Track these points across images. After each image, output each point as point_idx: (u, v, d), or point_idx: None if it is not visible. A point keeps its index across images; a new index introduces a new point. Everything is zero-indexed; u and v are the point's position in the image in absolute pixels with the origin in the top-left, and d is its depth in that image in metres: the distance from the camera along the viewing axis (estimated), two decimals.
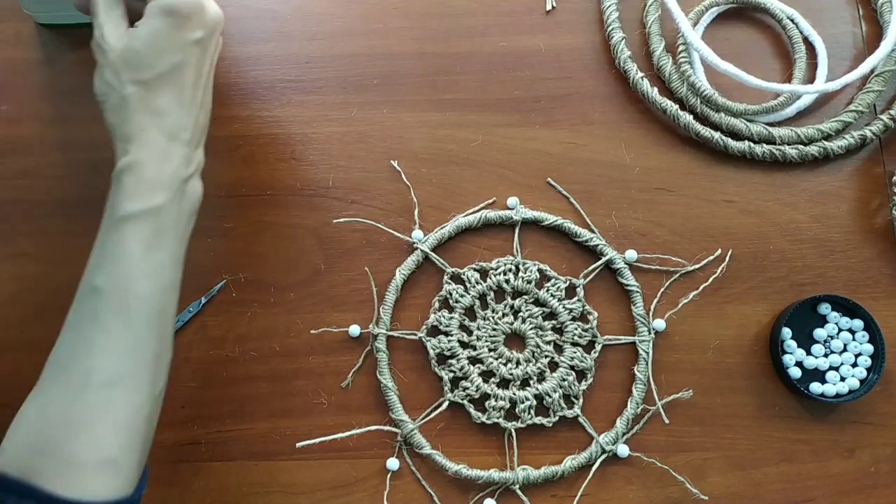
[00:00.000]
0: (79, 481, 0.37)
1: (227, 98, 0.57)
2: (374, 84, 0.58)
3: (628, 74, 0.57)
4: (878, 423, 0.53)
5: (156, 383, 0.41)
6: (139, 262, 0.40)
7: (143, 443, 0.41)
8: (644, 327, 0.53)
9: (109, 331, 0.39)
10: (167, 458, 0.52)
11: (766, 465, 0.52)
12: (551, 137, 0.56)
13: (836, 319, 0.53)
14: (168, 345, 0.43)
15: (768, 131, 0.55)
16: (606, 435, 0.52)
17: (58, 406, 0.39)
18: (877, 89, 0.56)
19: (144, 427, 0.40)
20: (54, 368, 0.40)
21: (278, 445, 0.52)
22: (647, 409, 0.52)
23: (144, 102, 0.41)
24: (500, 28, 0.59)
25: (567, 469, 0.51)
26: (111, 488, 0.38)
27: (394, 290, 0.54)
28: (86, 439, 0.38)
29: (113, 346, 0.39)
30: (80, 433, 0.38)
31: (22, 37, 0.59)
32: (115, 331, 0.39)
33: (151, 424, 0.41)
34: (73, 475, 0.37)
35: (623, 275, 0.54)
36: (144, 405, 0.40)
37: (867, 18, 0.59)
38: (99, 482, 0.38)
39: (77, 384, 0.39)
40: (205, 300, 0.54)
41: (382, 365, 0.53)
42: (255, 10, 0.59)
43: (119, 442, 0.39)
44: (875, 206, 0.56)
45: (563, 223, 0.54)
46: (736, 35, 0.59)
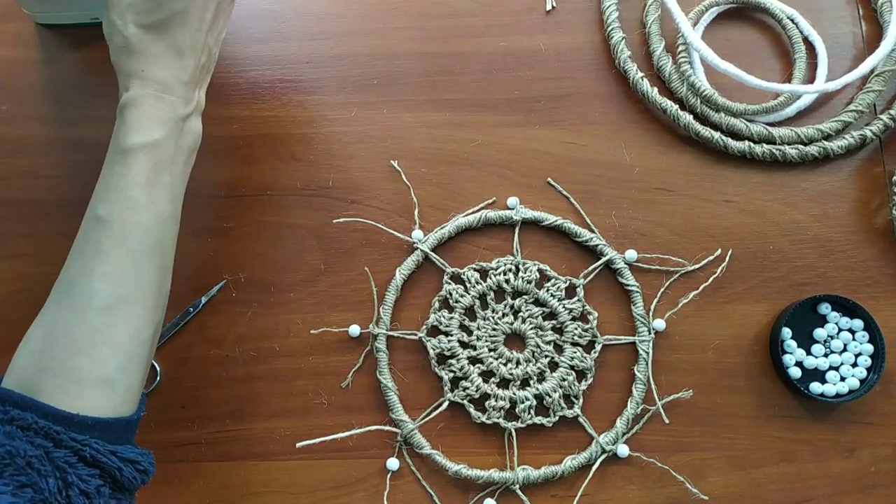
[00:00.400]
0: (77, 397, 0.39)
1: (227, 98, 0.57)
2: (374, 84, 0.58)
3: (628, 74, 0.57)
4: (878, 423, 0.53)
5: (155, 310, 0.43)
6: (139, 193, 0.42)
7: (142, 366, 0.42)
8: (644, 327, 0.53)
9: (110, 258, 0.41)
10: (167, 458, 0.52)
11: (766, 465, 0.52)
12: (551, 137, 0.56)
13: (836, 319, 0.53)
14: (167, 276, 0.44)
15: (768, 131, 0.55)
16: (606, 435, 0.52)
17: (60, 328, 0.40)
18: (877, 89, 0.56)
19: (142, 351, 0.42)
20: (58, 292, 0.42)
21: (278, 445, 0.52)
22: (647, 409, 0.52)
23: (145, 44, 0.42)
24: (500, 28, 0.59)
25: (567, 469, 0.51)
26: (108, 406, 0.40)
27: (394, 290, 0.54)
28: (85, 359, 0.39)
29: (113, 273, 0.41)
30: (80, 353, 0.39)
31: (22, 37, 0.59)
32: (116, 258, 0.41)
33: (150, 349, 0.43)
34: (71, 391, 0.39)
35: (623, 275, 0.54)
36: (143, 330, 0.42)
37: (867, 18, 0.59)
38: (96, 399, 0.39)
39: (78, 307, 0.40)
40: (205, 300, 0.54)
41: (382, 365, 0.53)
42: (255, 10, 0.59)
43: (117, 362, 0.40)
44: (875, 206, 0.56)
45: (563, 223, 0.54)
46: (736, 35, 0.59)
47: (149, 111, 0.43)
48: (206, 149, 0.56)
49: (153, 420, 0.53)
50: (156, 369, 0.53)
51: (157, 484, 0.52)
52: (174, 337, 0.54)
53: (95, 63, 0.58)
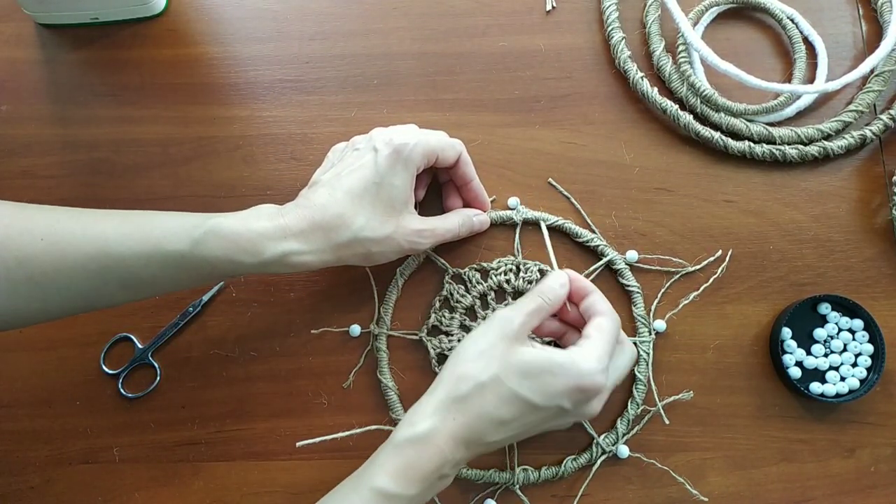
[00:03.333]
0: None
1: (227, 98, 0.57)
2: (374, 84, 0.58)
3: (628, 74, 0.57)
4: (878, 423, 0.53)
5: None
6: None
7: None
8: (644, 328, 0.53)
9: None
10: (167, 458, 0.52)
11: (766, 465, 0.52)
12: (551, 137, 0.56)
13: (836, 319, 0.53)
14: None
15: (768, 131, 0.55)
16: (607, 436, 0.52)
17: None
18: (877, 89, 0.56)
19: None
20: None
21: (278, 445, 0.52)
22: (647, 410, 0.52)
23: (494, 416, 0.44)
24: (500, 28, 0.59)
25: (567, 470, 0.51)
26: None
27: (394, 290, 0.54)
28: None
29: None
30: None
31: (22, 37, 0.59)
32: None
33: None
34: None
35: (624, 275, 0.54)
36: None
37: (867, 18, 0.59)
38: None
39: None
40: (205, 300, 0.54)
41: (383, 364, 0.53)
42: (255, 10, 0.59)
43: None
44: (875, 206, 0.56)
45: (563, 223, 0.54)
46: (736, 35, 0.59)
47: (427, 454, 0.42)
48: (206, 149, 0.57)
49: (153, 420, 0.53)
50: (156, 369, 0.53)
51: (157, 484, 0.52)
52: (174, 337, 0.54)
53: (95, 63, 0.58)
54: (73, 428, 0.53)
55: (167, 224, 0.45)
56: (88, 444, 0.53)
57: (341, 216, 0.46)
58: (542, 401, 0.43)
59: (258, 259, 0.44)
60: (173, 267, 0.44)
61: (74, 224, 0.44)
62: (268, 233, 0.45)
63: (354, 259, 0.47)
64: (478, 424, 0.42)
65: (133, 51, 0.58)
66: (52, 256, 0.43)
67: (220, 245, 0.44)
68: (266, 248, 0.44)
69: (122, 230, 0.44)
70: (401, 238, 0.48)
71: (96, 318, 0.54)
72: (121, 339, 0.54)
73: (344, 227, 0.46)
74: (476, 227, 0.53)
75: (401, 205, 0.48)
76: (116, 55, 0.58)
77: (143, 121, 0.57)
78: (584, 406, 0.44)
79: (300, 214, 0.46)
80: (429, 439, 0.42)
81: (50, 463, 0.52)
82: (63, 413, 0.53)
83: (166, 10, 0.59)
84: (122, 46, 0.59)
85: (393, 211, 0.47)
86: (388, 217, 0.47)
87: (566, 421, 0.46)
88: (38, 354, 0.54)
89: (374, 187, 0.46)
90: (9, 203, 0.44)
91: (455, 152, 0.50)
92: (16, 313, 0.44)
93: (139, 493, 0.52)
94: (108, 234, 0.44)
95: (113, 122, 0.57)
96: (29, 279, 0.43)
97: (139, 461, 0.52)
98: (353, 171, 0.47)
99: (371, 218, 0.46)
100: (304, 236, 0.45)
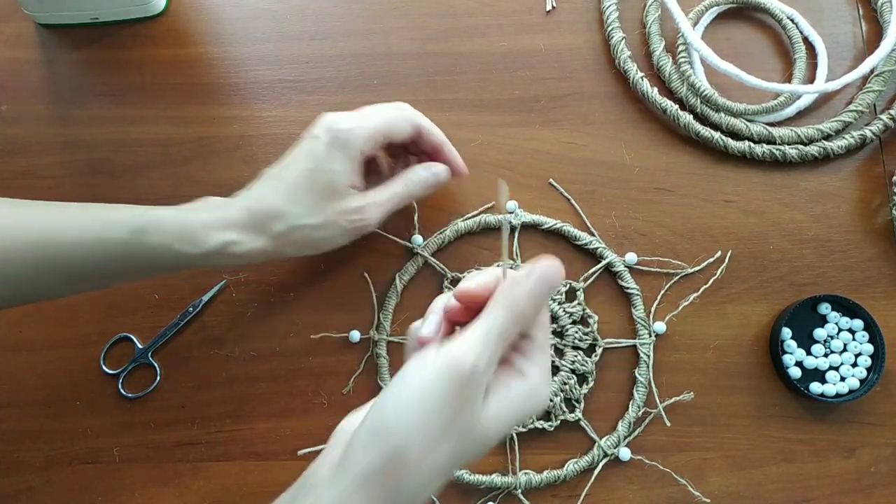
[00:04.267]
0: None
1: (227, 98, 0.57)
2: (374, 84, 0.58)
3: (628, 74, 0.57)
4: (878, 423, 0.53)
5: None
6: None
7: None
8: (645, 330, 0.53)
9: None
10: (167, 458, 0.52)
11: (766, 465, 0.52)
12: (551, 137, 0.56)
13: (836, 319, 0.53)
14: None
15: (768, 131, 0.55)
16: (608, 438, 0.52)
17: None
18: (877, 89, 0.56)
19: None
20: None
21: (278, 445, 0.52)
22: (648, 412, 0.52)
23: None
24: (500, 28, 0.59)
25: (569, 473, 0.51)
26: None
27: (394, 296, 0.53)
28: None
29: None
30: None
31: (22, 37, 0.59)
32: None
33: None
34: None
35: (623, 278, 0.54)
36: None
37: (867, 18, 0.59)
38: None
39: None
40: (205, 300, 0.54)
41: (383, 371, 0.53)
42: (254, 10, 0.59)
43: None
44: (875, 206, 0.56)
45: (562, 226, 0.54)
46: (736, 35, 0.59)
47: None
48: (206, 149, 0.57)
49: (153, 420, 0.53)
50: (156, 369, 0.53)
51: (157, 484, 0.52)
52: (174, 337, 0.54)
53: (95, 63, 0.58)
54: (73, 428, 0.53)
55: (108, 214, 0.45)
56: (88, 444, 0.53)
57: (275, 206, 0.46)
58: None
59: (200, 250, 0.44)
60: (116, 257, 0.44)
61: (10, 212, 0.44)
62: (210, 223, 0.45)
63: (296, 248, 0.47)
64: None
65: (133, 51, 0.58)
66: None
67: (161, 234, 0.44)
68: (208, 238, 0.44)
69: (62, 220, 0.44)
70: (341, 220, 0.47)
71: (96, 318, 0.54)
72: (121, 339, 0.54)
73: (279, 217, 0.46)
74: (431, 181, 0.50)
75: (342, 189, 0.47)
76: (116, 55, 0.58)
77: (143, 121, 0.57)
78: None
79: (240, 205, 0.46)
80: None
81: (50, 463, 0.52)
82: (63, 413, 0.53)
83: (166, 10, 0.59)
84: (122, 46, 0.59)
85: (332, 196, 0.46)
86: (327, 203, 0.46)
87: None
88: (38, 354, 0.54)
89: (310, 173, 0.46)
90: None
91: (408, 124, 0.49)
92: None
93: (139, 493, 0.52)
94: (48, 224, 0.43)
95: (113, 122, 0.57)
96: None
97: (139, 461, 0.52)
98: (291, 160, 0.47)
99: (306, 205, 0.46)
100: (244, 227, 0.45)
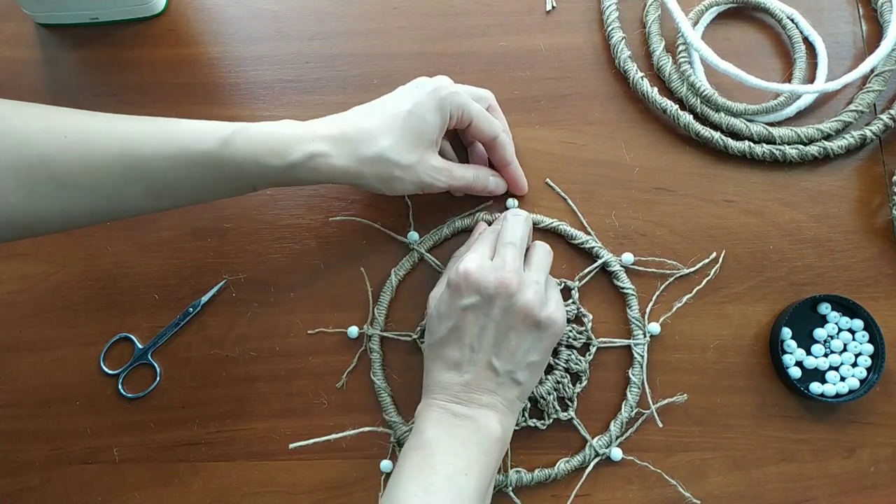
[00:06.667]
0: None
1: (227, 98, 0.57)
2: (374, 84, 0.58)
3: (628, 74, 0.57)
4: (878, 423, 0.53)
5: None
6: (438, 483, 0.42)
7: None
8: (639, 330, 0.53)
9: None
10: (167, 458, 0.52)
11: (766, 465, 0.52)
12: (551, 137, 0.56)
13: (836, 319, 0.53)
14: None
15: (768, 131, 0.55)
16: (600, 438, 0.52)
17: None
18: (877, 89, 0.56)
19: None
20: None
21: (278, 445, 0.52)
22: (640, 413, 0.52)
23: (431, 360, 0.48)
24: (500, 28, 0.59)
25: (560, 472, 0.51)
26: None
27: (388, 291, 0.53)
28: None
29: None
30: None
31: (22, 37, 0.59)
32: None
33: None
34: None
35: (619, 278, 0.54)
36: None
37: (867, 18, 0.59)
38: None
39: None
40: (205, 300, 0.54)
41: (376, 366, 0.53)
42: (254, 10, 0.59)
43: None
44: (875, 205, 0.56)
45: (558, 225, 0.54)
46: (736, 35, 0.59)
47: (425, 415, 0.46)
48: None
49: (153, 420, 0.53)
50: (156, 369, 0.53)
51: (157, 484, 0.52)
52: (174, 337, 0.54)
53: (95, 63, 0.58)
54: (73, 428, 0.53)
55: (193, 125, 0.45)
56: (88, 444, 0.53)
57: (370, 131, 0.47)
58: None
59: (285, 160, 0.45)
60: (200, 168, 0.44)
61: (98, 123, 0.44)
62: (297, 134, 0.45)
63: (376, 180, 0.48)
64: None
65: (133, 51, 0.58)
66: (76, 154, 0.42)
67: (249, 143, 0.44)
68: (294, 148, 0.45)
69: (147, 129, 0.44)
70: (421, 171, 0.48)
71: (96, 319, 0.54)
72: (121, 339, 0.54)
73: (372, 141, 0.46)
74: (491, 187, 0.53)
75: (428, 142, 0.48)
76: (116, 55, 0.58)
77: None
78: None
79: (330, 123, 0.47)
80: None
81: (50, 463, 0.52)
82: (63, 413, 0.53)
83: (166, 10, 0.59)
84: (122, 46, 0.59)
85: (420, 144, 0.48)
86: (414, 147, 0.48)
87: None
88: (38, 354, 0.54)
89: (407, 115, 0.47)
90: (29, 104, 0.44)
91: (490, 128, 0.51)
92: (37, 216, 0.43)
93: (139, 493, 0.52)
94: (133, 134, 0.43)
95: None
96: (52, 178, 0.42)
97: (139, 461, 0.52)
98: (389, 99, 0.49)
99: (399, 142, 0.47)
100: (333, 141, 0.46)
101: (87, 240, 0.55)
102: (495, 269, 0.46)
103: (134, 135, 0.43)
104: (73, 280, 0.55)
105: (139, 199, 0.45)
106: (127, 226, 0.55)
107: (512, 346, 0.46)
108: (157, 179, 0.44)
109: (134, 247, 0.55)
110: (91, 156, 0.42)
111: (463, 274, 0.46)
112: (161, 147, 0.43)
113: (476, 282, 0.45)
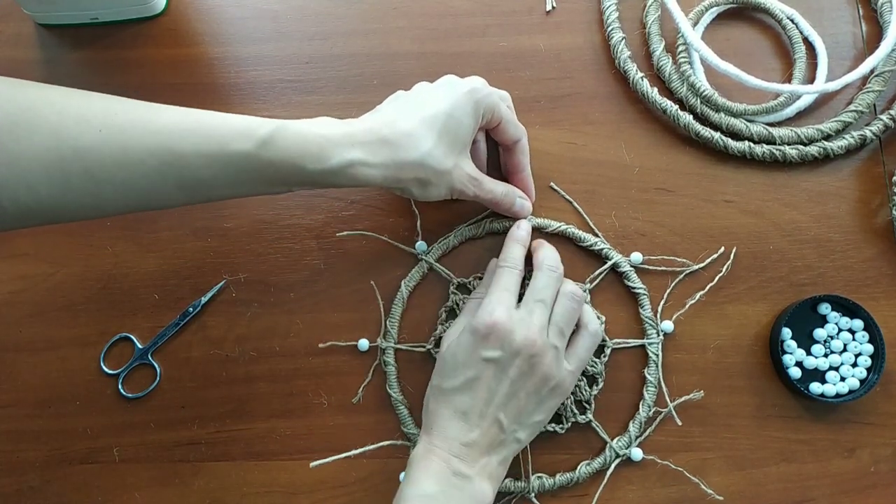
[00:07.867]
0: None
1: (227, 98, 0.57)
2: (374, 84, 0.58)
3: (628, 74, 0.57)
4: (878, 423, 0.53)
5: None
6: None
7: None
8: (653, 329, 0.53)
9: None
10: (167, 458, 0.52)
11: (766, 465, 0.52)
12: (551, 137, 0.56)
13: (836, 319, 0.53)
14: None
15: (768, 131, 0.55)
16: (619, 439, 0.51)
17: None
18: (877, 89, 0.56)
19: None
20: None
21: (278, 445, 0.52)
22: (658, 412, 0.52)
23: (437, 402, 0.46)
24: (500, 28, 0.59)
25: (582, 475, 0.51)
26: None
27: (400, 303, 0.53)
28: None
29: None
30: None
31: (22, 37, 0.59)
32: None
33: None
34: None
35: (630, 278, 0.53)
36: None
37: (867, 18, 0.59)
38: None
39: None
40: (205, 300, 0.54)
41: (392, 379, 0.52)
42: (254, 10, 0.59)
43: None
44: (875, 206, 0.56)
45: (567, 229, 0.54)
46: (736, 35, 0.59)
47: (425, 465, 0.44)
48: None
49: (153, 420, 0.53)
50: (156, 369, 0.53)
51: (157, 484, 0.52)
52: (174, 337, 0.54)
53: (95, 63, 0.58)
54: (73, 428, 0.53)
55: (232, 122, 0.43)
56: (88, 444, 0.53)
57: (410, 135, 0.45)
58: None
59: (323, 166, 0.43)
60: (235, 168, 0.43)
61: (134, 116, 0.42)
62: (335, 138, 0.44)
63: (413, 185, 0.46)
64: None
65: (133, 51, 0.58)
66: (112, 149, 0.41)
67: (287, 146, 0.43)
68: (332, 154, 0.43)
69: (185, 126, 0.42)
70: (455, 178, 0.47)
71: (96, 318, 0.54)
72: (121, 339, 0.54)
73: (412, 146, 0.45)
74: (516, 208, 0.52)
75: (462, 145, 0.47)
76: (116, 55, 0.58)
77: None
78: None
79: (368, 126, 0.45)
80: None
81: (50, 463, 0.52)
82: (63, 413, 0.53)
83: (166, 10, 0.59)
84: (122, 46, 0.59)
85: (455, 147, 0.47)
86: (451, 152, 0.46)
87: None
88: (38, 354, 0.54)
89: (446, 117, 0.46)
90: (54, 87, 0.42)
91: (516, 131, 0.51)
92: (67, 207, 0.42)
93: (139, 493, 0.52)
94: (171, 129, 0.42)
95: None
96: (85, 172, 0.40)
97: (139, 461, 0.52)
98: (427, 97, 0.47)
99: (437, 146, 0.45)
100: (371, 148, 0.44)
101: (87, 240, 0.55)
102: (522, 324, 0.45)
103: (171, 131, 0.42)
104: (73, 280, 0.55)
105: (171, 193, 0.43)
106: (127, 226, 0.55)
107: (521, 405, 0.46)
108: (192, 177, 0.42)
109: (134, 247, 0.55)
110: (126, 151, 0.41)
111: (492, 324, 0.45)
112: (198, 145, 0.42)
113: (503, 334, 0.45)
